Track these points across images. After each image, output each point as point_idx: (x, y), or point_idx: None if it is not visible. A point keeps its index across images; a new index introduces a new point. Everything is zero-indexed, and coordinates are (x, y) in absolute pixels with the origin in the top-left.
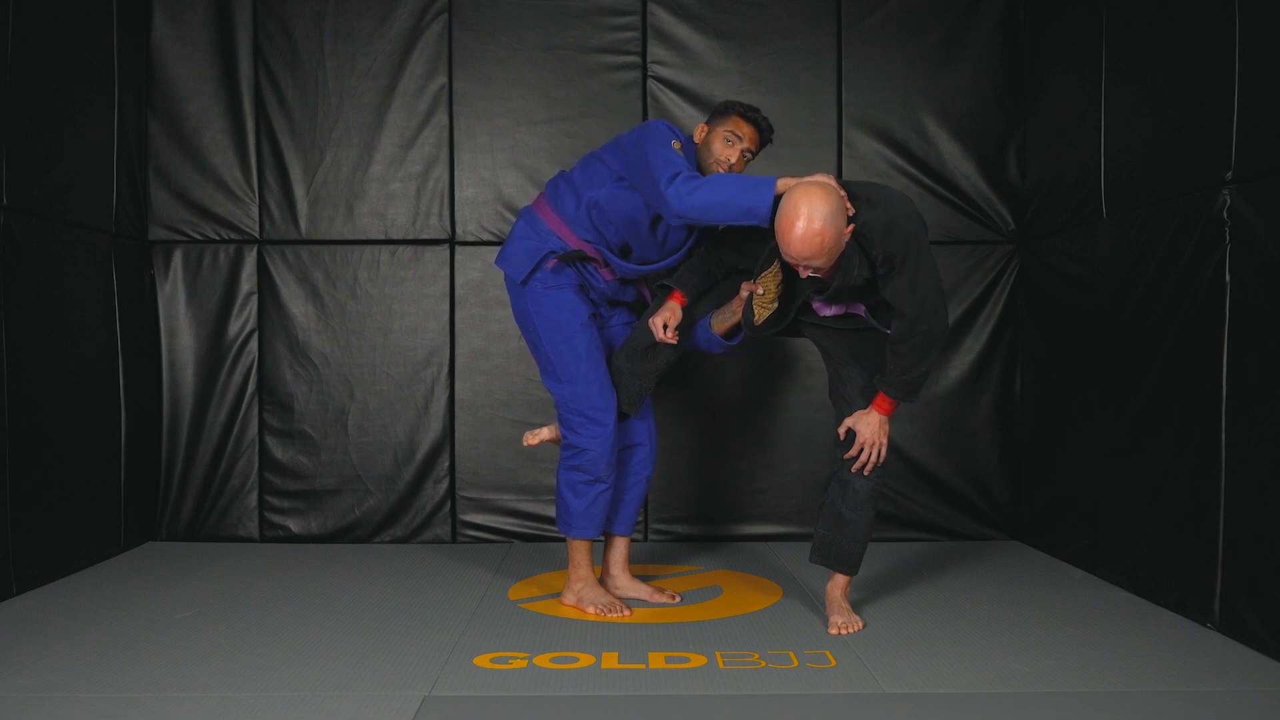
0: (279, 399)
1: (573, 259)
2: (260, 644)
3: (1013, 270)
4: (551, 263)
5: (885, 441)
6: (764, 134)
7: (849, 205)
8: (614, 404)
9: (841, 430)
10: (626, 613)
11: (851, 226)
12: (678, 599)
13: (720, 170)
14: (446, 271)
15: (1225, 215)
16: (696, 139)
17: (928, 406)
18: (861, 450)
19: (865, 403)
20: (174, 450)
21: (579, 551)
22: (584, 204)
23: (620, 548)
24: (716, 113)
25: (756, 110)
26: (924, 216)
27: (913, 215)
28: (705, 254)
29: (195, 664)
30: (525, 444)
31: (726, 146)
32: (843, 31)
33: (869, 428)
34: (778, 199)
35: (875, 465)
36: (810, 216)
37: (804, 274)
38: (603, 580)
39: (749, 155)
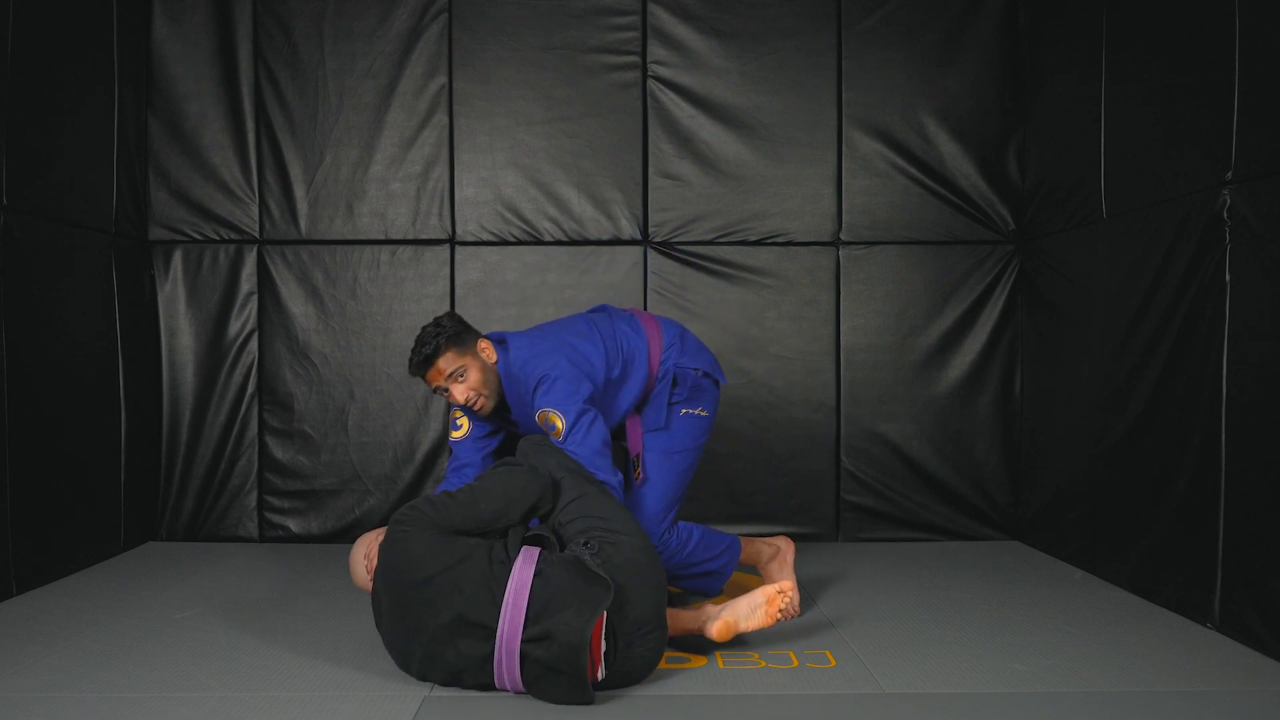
0: (279, 399)
1: None
2: (260, 644)
3: (1013, 270)
4: None
5: None
6: (439, 357)
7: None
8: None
9: None
10: None
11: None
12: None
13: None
14: (446, 271)
15: (1225, 215)
16: None
17: (928, 406)
18: None
19: None
20: (174, 450)
21: None
22: None
23: None
24: None
25: (415, 356)
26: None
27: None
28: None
29: (195, 664)
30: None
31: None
32: (843, 31)
33: None
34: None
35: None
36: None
37: None
38: None
39: (459, 377)
